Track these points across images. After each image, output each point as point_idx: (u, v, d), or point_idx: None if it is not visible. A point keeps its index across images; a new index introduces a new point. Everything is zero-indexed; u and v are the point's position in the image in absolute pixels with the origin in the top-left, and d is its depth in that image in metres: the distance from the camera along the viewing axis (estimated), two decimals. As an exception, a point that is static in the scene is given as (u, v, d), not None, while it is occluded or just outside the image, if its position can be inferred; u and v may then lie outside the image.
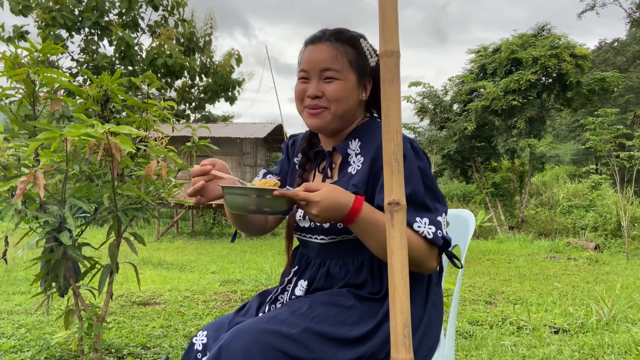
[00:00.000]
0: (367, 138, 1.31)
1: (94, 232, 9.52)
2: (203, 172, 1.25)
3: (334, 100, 1.28)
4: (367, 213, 1.13)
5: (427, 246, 1.15)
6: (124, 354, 2.72)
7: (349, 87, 1.29)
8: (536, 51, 12.14)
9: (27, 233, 2.42)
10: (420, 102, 13.92)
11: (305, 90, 1.31)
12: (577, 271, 6.51)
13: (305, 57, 1.32)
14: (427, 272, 1.21)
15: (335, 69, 1.27)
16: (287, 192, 1.09)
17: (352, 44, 1.31)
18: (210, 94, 17.29)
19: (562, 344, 2.99)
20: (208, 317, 3.70)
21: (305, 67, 1.31)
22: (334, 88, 1.27)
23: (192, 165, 2.79)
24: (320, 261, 1.32)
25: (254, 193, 1.09)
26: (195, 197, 1.25)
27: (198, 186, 1.24)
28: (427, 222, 1.16)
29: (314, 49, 1.31)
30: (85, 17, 14.16)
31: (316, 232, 1.31)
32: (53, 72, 2.36)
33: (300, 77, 1.33)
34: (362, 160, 1.28)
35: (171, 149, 2.77)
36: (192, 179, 1.26)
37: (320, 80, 1.29)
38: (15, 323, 3.38)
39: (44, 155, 2.11)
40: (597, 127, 9.47)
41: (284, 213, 1.14)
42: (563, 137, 27.41)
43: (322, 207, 1.09)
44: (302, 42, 1.38)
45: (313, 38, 1.34)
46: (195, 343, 1.30)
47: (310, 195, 1.09)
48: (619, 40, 26.56)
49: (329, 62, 1.27)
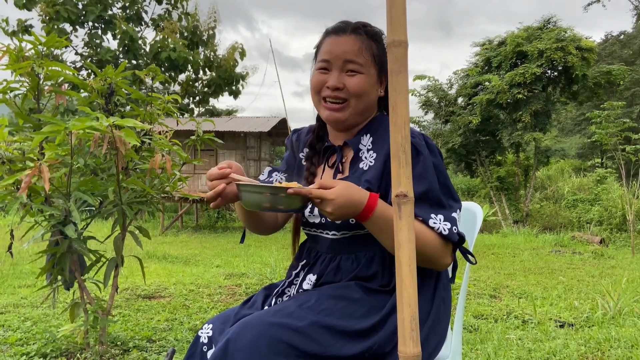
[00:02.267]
0: (379, 134, 1.29)
1: (99, 226, 9.56)
2: (222, 175, 1.23)
3: (355, 95, 1.25)
4: (381, 210, 1.12)
5: (442, 242, 1.15)
6: (129, 347, 2.73)
7: (371, 82, 1.27)
8: (542, 44, 12.04)
9: (33, 226, 2.43)
10: (425, 96, 13.87)
11: (324, 82, 1.27)
12: (582, 265, 6.49)
13: (328, 48, 1.27)
14: (441, 269, 1.20)
15: (359, 62, 1.24)
16: (302, 190, 1.08)
17: (375, 39, 1.29)
18: (214, 88, 17.29)
19: (568, 338, 2.98)
20: (213, 310, 3.71)
21: (327, 57, 1.27)
22: (357, 82, 1.24)
23: (197, 159, 2.79)
24: (331, 256, 1.32)
25: (269, 191, 1.09)
26: (214, 201, 1.23)
27: (219, 189, 1.21)
28: (442, 218, 1.15)
29: (337, 40, 1.27)
30: (89, 10, 14.16)
31: (327, 228, 1.30)
32: (57, 66, 2.35)
33: (319, 67, 1.29)
34: (374, 156, 1.26)
35: (176, 143, 2.77)
36: (208, 183, 1.23)
37: (342, 72, 1.25)
38: (21, 316, 3.40)
39: (49, 149, 2.11)
40: (603, 121, 9.39)
41: (298, 210, 1.13)
42: (568, 130, 27.25)
43: (337, 204, 1.08)
44: (322, 33, 1.33)
45: (337, 28, 1.30)
46: (200, 336, 1.30)
47: (325, 193, 1.08)
48: (625, 32, 26.34)
49: (353, 54, 1.24)
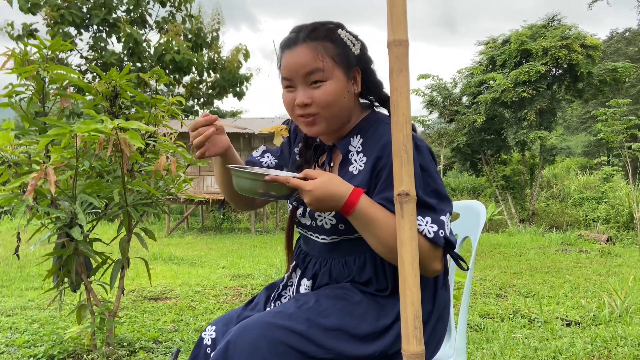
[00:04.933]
0: (369, 135, 1.24)
1: (104, 228, 9.61)
2: (208, 122, 1.22)
3: (325, 106, 1.18)
4: (364, 206, 1.10)
5: (429, 246, 1.10)
6: (136, 348, 2.75)
7: (340, 86, 1.19)
8: (546, 42, 12.00)
9: (39, 229, 2.44)
10: (429, 95, 13.84)
11: (294, 99, 1.20)
12: (588, 264, 6.45)
13: (285, 64, 1.20)
14: (430, 275, 1.15)
15: (319, 69, 1.16)
16: (279, 178, 1.08)
17: (330, 39, 1.19)
18: (219, 90, 17.29)
19: (575, 337, 2.97)
20: (219, 311, 3.72)
21: (287, 75, 1.20)
22: (323, 92, 1.17)
23: (201, 161, 2.81)
24: (321, 260, 1.30)
25: (248, 176, 1.10)
26: (201, 148, 1.23)
27: (208, 133, 1.20)
28: (430, 220, 1.11)
29: (291, 54, 1.19)
30: (94, 14, 14.23)
31: (317, 231, 1.28)
32: (62, 69, 2.37)
33: (284, 85, 1.22)
34: (364, 160, 1.21)
35: (180, 144, 2.78)
36: (193, 132, 1.22)
37: (307, 86, 1.19)
38: (28, 318, 3.43)
39: (55, 152, 2.13)
40: (608, 118, 9.34)
41: (285, 197, 1.14)
42: (574, 128, 27.12)
43: (314, 196, 1.08)
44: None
45: (287, 42, 1.21)
46: (204, 337, 1.30)
47: (302, 184, 1.08)
48: (630, 30, 26.17)
49: (310, 64, 1.17)
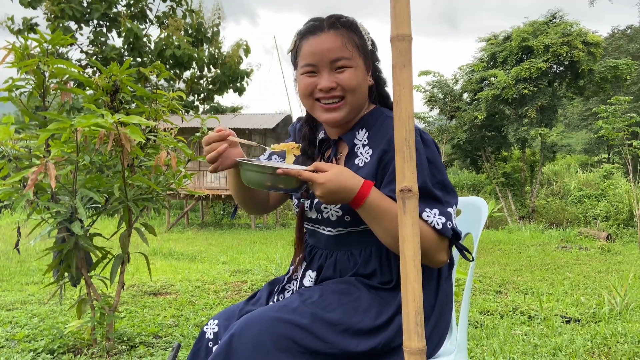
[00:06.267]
0: (375, 129, 1.26)
1: (105, 223, 9.61)
2: (221, 137, 1.22)
3: (350, 90, 1.22)
4: (374, 199, 1.12)
5: (437, 237, 1.13)
6: (136, 343, 2.75)
7: (361, 74, 1.24)
8: (547, 39, 11.97)
9: (39, 223, 2.44)
10: (430, 92, 13.82)
11: (315, 84, 1.24)
12: (588, 261, 6.46)
13: (309, 50, 1.23)
14: (436, 266, 1.18)
15: (345, 57, 1.21)
16: (291, 171, 1.09)
17: (353, 29, 1.25)
18: (219, 85, 17.27)
19: (574, 334, 2.97)
20: (219, 306, 3.72)
21: (311, 61, 1.23)
22: (349, 77, 1.22)
23: (201, 156, 2.80)
24: (327, 252, 1.31)
25: (256, 169, 1.12)
26: (215, 162, 1.22)
27: (221, 149, 1.20)
28: (437, 212, 1.13)
29: (317, 39, 1.23)
30: (94, 8, 14.21)
31: (323, 224, 1.29)
32: (63, 63, 2.36)
33: (305, 71, 1.25)
34: (370, 152, 1.24)
35: (181, 140, 2.77)
36: (206, 147, 1.22)
37: (332, 71, 1.23)
38: (28, 313, 3.43)
39: (55, 146, 2.12)
40: (609, 116, 9.33)
41: (294, 190, 1.15)
42: (575, 126, 27.09)
43: (326, 188, 1.09)
44: (295, 36, 1.29)
45: (312, 28, 1.25)
46: (206, 332, 1.30)
47: (314, 176, 1.09)
48: (632, 27, 26.12)
49: (338, 51, 1.21)
